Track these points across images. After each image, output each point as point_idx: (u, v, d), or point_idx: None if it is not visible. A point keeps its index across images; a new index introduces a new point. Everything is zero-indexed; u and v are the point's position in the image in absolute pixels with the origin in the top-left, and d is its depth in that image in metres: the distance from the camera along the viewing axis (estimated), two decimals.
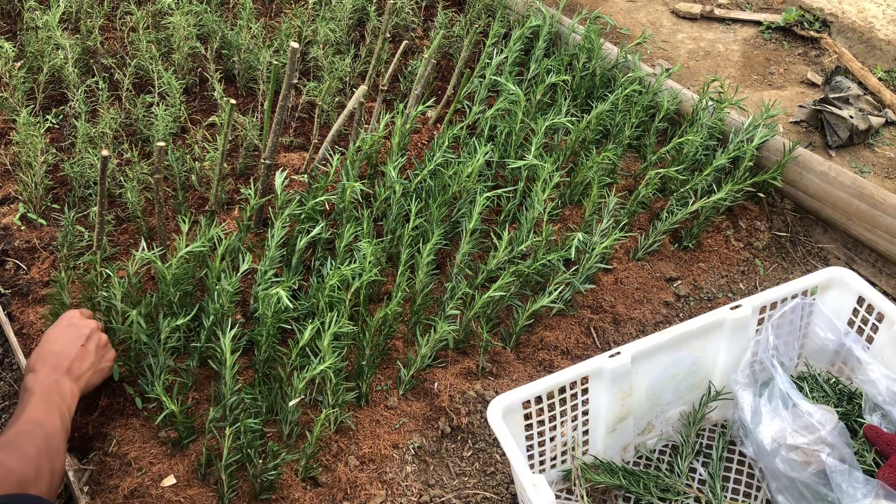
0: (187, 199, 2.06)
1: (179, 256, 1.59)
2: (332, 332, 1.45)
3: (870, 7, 3.17)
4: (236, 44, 2.44)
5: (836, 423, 1.45)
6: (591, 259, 1.88)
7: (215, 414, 1.47)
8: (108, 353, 1.55)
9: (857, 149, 2.58)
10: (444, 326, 1.64)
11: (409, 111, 2.10)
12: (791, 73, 2.98)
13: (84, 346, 1.49)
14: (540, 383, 1.45)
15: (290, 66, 1.75)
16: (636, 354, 1.51)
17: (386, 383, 1.71)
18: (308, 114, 2.44)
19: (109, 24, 2.67)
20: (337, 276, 1.58)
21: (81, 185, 2.03)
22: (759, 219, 2.24)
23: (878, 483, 1.36)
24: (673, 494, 1.53)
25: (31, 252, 1.90)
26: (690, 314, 1.98)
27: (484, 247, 1.98)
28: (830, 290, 1.69)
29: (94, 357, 1.50)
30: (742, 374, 1.61)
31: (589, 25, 2.44)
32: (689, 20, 3.30)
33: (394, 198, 1.88)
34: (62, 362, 1.45)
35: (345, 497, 1.51)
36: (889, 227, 2.00)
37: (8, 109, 2.20)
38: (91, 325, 1.53)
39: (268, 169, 1.88)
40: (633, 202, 2.09)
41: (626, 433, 1.61)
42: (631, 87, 2.27)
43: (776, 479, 1.51)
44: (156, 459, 1.51)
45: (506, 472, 1.62)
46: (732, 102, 2.23)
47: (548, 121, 2.04)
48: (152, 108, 2.19)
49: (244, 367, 1.68)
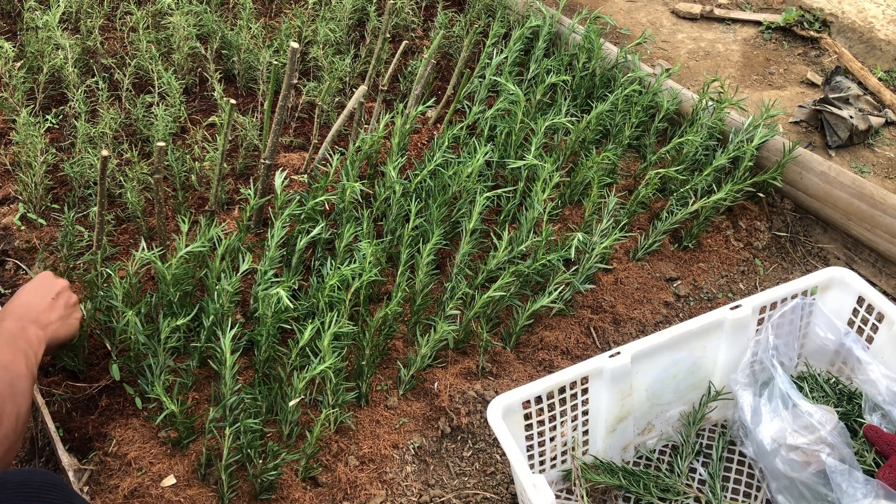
0: (187, 199, 2.06)
1: (179, 256, 1.59)
2: (332, 332, 1.45)
3: (870, 7, 3.17)
4: (236, 44, 2.44)
5: (836, 423, 1.45)
6: (591, 259, 1.88)
7: (215, 414, 1.47)
8: (75, 311, 1.58)
9: (857, 149, 2.58)
10: (444, 326, 1.64)
11: (408, 111, 2.10)
12: (791, 73, 2.98)
13: (54, 300, 1.53)
14: (540, 383, 1.45)
15: (290, 66, 1.75)
16: (636, 354, 1.51)
17: (386, 383, 1.71)
18: (308, 114, 2.44)
19: (109, 24, 2.67)
20: (337, 276, 1.58)
21: (81, 185, 2.03)
22: (759, 219, 2.24)
23: (878, 483, 1.36)
24: (673, 494, 1.53)
25: (31, 252, 1.90)
26: (690, 314, 1.98)
27: (484, 247, 1.98)
28: (830, 290, 1.69)
29: (62, 311, 1.53)
30: (742, 374, 1.61)
31: (589, 25, 2.44)
32: (689, 20, 3.30)
33: (394, 198, 1.88)
34: (29, 312, 1.49)
35: (345, 497, 1.51)
36: (889, 227, 2.00)
37: (8, 109, 2.20)
38: (62, 283, 1.57)
39: (268, 169, 1.88)
40: (633, 202, 2.09)
41: (626, 433, 1.61)
42: (631, 88, 2.27)
43: (776, 479, 1.51)
44: (156, 459, 1.51)
45: (506, 472, 1.62)
46: (732, 102, 2.23)
47: (548, 121, 2.04)
48: (152, 108, 2.19)
49: (244, 367, 1.68)
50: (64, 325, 1.54)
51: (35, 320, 1.48)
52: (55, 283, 1.57)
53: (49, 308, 1.52)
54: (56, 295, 1.54)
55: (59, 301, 1.54)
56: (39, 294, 1.53)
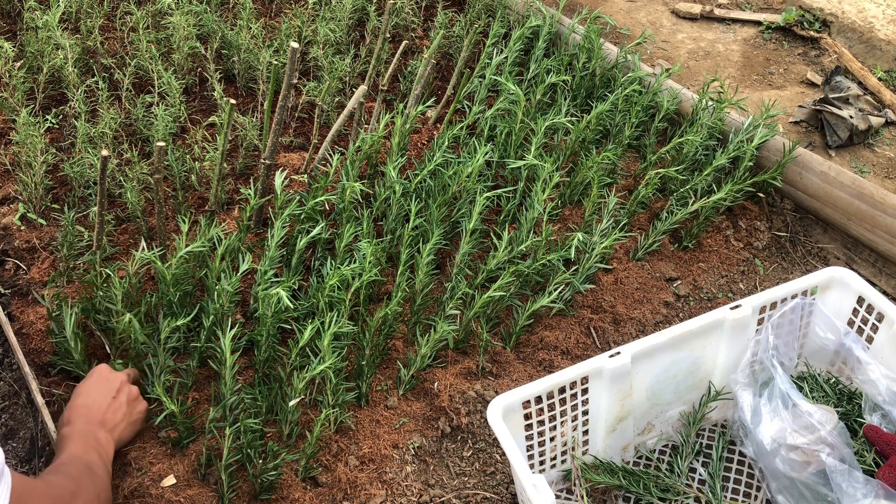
0: (187, 199, 2.06)
1: (179, 256, 1.59)
2: (332, 332, 1.45)
3: (870, 7, 3.17)
4: (236, 44, 2.44)
5: (836, 423, 1.45)
6: (591, 259, 1.88)
7: (215, 414, 1.47)
8: (138, 405, 1.54)
9: (857, 149, 2.58)
10: (444, 326, 1.64)
11: (408, 111, 2.09)
12: (791, 73, 2.98)
13: (115, 398, 1.49)
14: (540, 383, 1.45)
15: (290, 66, 1.75)
16: (636, 354, 1.51)
17: (386, 383, 1.71)
18: (308, 114, 2.44)
19: (109, 24, 2.67)
20: (337, 276, 1.58)
21: (81, 185, 2.03)
22: (759, 219, 2.24)
23: (878, 483, 1.36)
24: (673, 494, 1.53)
25: (31, 252, 1.90)
26: (690, 314, 1.98)
27: (484, 247, 1.98)
28: (830, 290, 1.69)
29: (125, 409, 1.50)
30: (742, 374, 1.61)
31: (589, 25, 2.44)
32: (689, 20, 3.30)
33: (394, 198, 1.88)
34: (94, 415, 1.45)
35: (345, 497, 1.51)
36: (889, 227, 2.00)
37: (8, 109, 2.20)
38: (121, 378, 1.53)
39: (268, 169, 1.88)
40: (633, 202, 2.09)
41: (626, 433, 1.61)
42: (631, 88, 2.27)
43: (776, 479, 1.51)
44: (156, 459, 1.51)
45: (506, 472, 1.62)
46: (732, 102, 2.23)
47: (548, 121, 2.04)
48: (152, 108, 2.19)
49: (244, 367, 1.68)
50: (129, 425, 1.51)
51: (102, 423, 1.45)
52: (114, 379, 1.52)
53: (114, 409, 1.48)
54: (117, 392, 1.50)
55: (121, 398, 1.50)
56: (100, 392, 1.49)
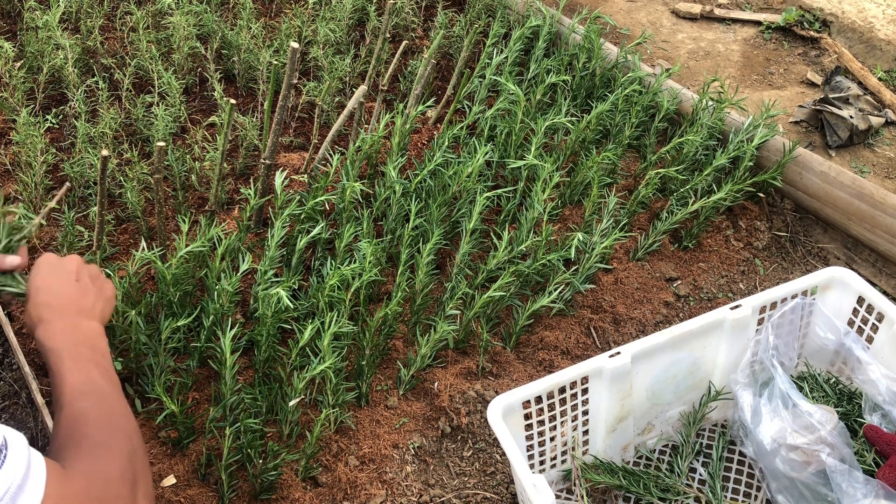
0: (187, 199, 2.06)
1: (179, 256, 1.59)
2: (332, 332, 1.45)
3: (870, 7, 3.17)
4: (236, 44, 2.44)
5: (836, 423, 1.45)
6: (591, 259, 1.88)
7: (215, 414, 1.47)
8: (104, 282, 1.36)
9: (857, 149, 2.58)
10: (444, 326, 1.64)
11: (409, 111, 2.09)
12: (791, 73, 2.98)
13: (78, 281, 1.30)
14: (540, 383, 1.45)
15: (290, 66, 1.75)
16: (636, 354, 1.51)
17: (386, 383, 1.71)
18: (308, 114, 2.44)
19: (109, 24, 2.67)
20: (337, 276, 1.58)
21: (81, 185, 2.03)
22: (759, 219, 2.24)
23: (878, 483, 1.36)
24: (673, 494, 1.53)
25: (31, 252, 1.90)
26: (690, 314, 1.98)
27: (484, 247, 1.98)
28: (830, 290, 1.69)
29: (93, 288, 1.31)
30: (742, 374, 1.61)
31: (589, 25, 2.44)
32: (689, 20, 3.30)
33: (394, 198, 1.88)
34: (64, 304, 1.25)
35: (345, 497, 1.51)
36: (889, 227, 2.00)
37: (8, 109, 2.20)
38: (74, 259, 1.34)
39: (268, 169, 1.88)
40: (633, 202, 2.09)
41: (626, 433, 1.61)
42: (631, 88, 2.27)
43: (776, 479, 1.51)
44: (156, 459, 1.51)
45: (506, 472, 1.62)
46: (732, 102, 2.23)
47: (548, 121, 2.04)
48: (152, 108, 2.19)
49: (244, 367, 1.68)
50: (106, 302, 1.32)
51: (78, 311, 1.25)
52: (66, 262, 1.32)
53: (81, 292, 1.28)
54: (76, 275, 1.31)
55: (84, 279, 1.31)
56: (60, 283, 1.28)
